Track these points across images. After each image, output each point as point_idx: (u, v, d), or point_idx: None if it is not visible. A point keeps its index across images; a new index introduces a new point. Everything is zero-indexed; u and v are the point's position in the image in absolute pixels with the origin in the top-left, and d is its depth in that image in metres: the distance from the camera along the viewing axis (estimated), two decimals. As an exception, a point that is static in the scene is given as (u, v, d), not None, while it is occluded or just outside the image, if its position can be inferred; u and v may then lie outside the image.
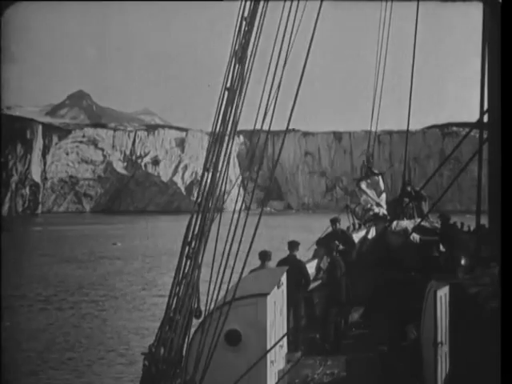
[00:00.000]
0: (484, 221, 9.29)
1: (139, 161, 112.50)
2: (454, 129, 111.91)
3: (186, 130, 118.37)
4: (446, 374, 6.95)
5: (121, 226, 73.34)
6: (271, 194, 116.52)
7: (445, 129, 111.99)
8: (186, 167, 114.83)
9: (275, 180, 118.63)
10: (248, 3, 5.54)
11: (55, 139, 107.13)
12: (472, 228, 11.20)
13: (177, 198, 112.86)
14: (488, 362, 5.93)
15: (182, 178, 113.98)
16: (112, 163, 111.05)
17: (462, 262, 8.24)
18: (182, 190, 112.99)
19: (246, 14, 5.51)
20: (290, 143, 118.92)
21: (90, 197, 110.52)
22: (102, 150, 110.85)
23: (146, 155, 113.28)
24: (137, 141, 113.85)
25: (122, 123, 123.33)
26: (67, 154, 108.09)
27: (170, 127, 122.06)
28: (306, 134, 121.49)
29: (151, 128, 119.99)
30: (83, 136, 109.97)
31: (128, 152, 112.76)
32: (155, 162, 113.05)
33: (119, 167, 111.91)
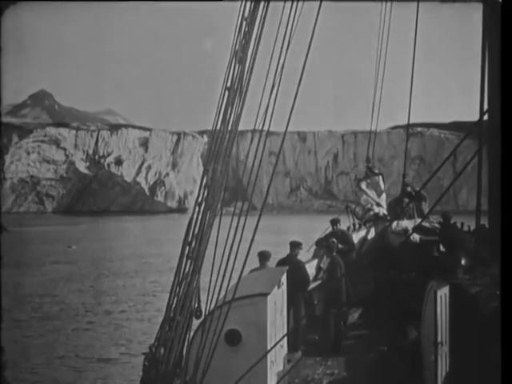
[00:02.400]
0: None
1: (102, 160, 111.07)
2: (419, 129, 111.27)
3: (150, 130, 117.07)
4: (446, 374, 6.95)
5: (82, 227, 70.37)
6: (236, 195, 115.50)
7: (409, 129, 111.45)
8: (149, 167, 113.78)
9: (239, 180, 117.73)
10: (248, 3, 5.54)
11: (15, 138, 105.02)
12: (472, 228, 11.20)
13: (140, 198, 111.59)
14: (488, 361, 5.93)
15: (146, 178, 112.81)
16: (74, 163, 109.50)
17: (462, 262, 8.26)
18: (146, 190, 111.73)
19: (246, 15, 5.51)
20: (253, 143, 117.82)
21: (51, 197, 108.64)
22: (65, 149, 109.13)
23: (109, 155, 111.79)
24: (100, 140, 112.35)
25: (84, 123, 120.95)
26: (28, 153, 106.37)
27: (134, 127, 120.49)
28: (270, 134, 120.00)
29: (114, 127, 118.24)
30: (45, 135, 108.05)
31: (91, 152, 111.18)
32: (118, 161, 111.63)
33: (82, 167, 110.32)
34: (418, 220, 12.72)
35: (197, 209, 5.22)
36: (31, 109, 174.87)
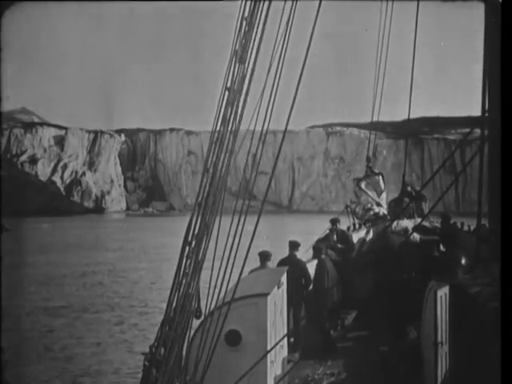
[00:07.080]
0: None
1: (15, 159, 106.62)
2: (338, 128, 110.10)
3: (66, 128, 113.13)
4: (445, 374, 6.95)
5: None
6: (154, 195, 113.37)
7: (328, 128, 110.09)
8: (65, 166, 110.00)
9: (157, 180, 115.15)
10: (248, 3, 5.53)
11: None
12: (472, 228, 11.20)
13: (56, 198, 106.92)
14: (488, 362, 5.93)
15: (62, 177, 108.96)
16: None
17: (463, 261, 8.23)
18: (62, 189, 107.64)
19: (246, 15, 5.50)
20: (172, 142, 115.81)
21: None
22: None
23: (22, 154, 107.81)
24: (12, 139, 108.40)
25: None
26: None
27: (49, 125, 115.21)
28: (189, 133, 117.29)
29: (28, 126, 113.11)
30: None
31: (2, 150, 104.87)
32: (33, 160, 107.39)
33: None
34: (418, 220, 12.72)
35: (197, 209, 5.21)
36: None
